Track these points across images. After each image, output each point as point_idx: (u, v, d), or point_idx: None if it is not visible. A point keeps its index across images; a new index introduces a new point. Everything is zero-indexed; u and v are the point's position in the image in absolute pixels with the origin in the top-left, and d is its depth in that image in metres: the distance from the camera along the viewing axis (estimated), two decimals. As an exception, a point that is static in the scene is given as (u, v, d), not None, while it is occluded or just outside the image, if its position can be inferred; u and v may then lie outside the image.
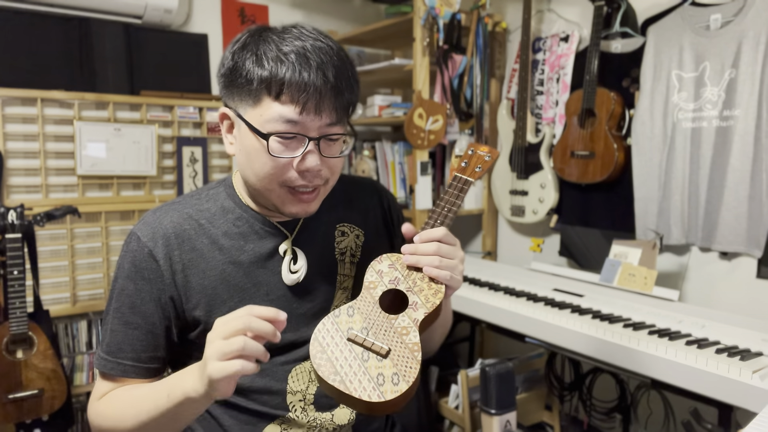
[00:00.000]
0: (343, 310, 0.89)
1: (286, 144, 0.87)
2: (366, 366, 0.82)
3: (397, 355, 0.84)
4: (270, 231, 0.99)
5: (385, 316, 0.88)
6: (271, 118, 0.86)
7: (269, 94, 0.86)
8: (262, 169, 0.89)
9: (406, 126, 2.50)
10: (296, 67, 0.84)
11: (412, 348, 0.85)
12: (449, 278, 0.91)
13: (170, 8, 2.42)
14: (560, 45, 2.34)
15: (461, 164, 1.03)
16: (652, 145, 2.03)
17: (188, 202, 1.01)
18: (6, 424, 1.94)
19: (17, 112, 2.22)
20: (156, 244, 0.95)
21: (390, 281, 0.92)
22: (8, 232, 1.93)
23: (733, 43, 1.81)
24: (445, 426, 2.32)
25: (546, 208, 2.35)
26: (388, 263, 0.95)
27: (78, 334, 2.38)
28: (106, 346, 0.95)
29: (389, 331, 0.86)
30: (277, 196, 0.92)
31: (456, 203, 0.99)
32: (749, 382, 1.34)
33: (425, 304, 0.89)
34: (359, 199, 1.12)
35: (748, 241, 1.83)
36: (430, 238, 0.93)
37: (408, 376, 0.82)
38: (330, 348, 0.84)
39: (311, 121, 0.87)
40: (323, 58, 0.86)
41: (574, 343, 1.72)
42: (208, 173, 2.61)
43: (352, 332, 0.86)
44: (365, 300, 0.91)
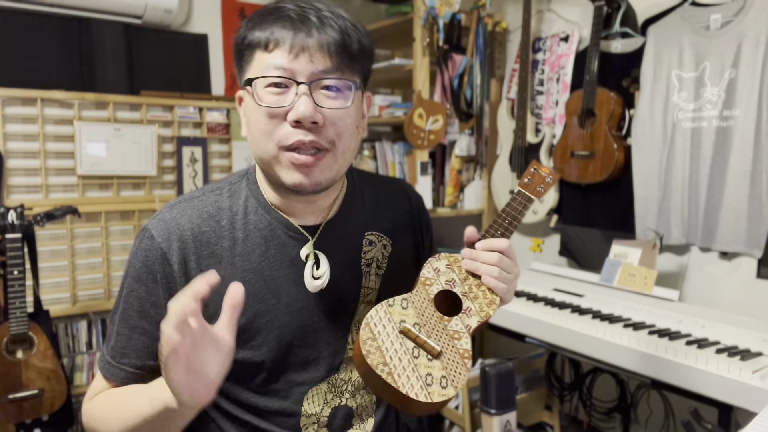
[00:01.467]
0: (397, 300, 0.86)
1: (278, 95, 0.81)
2: (416, 363, 0.80)
3: (448, 358, 0.82)
4: (293, 236, 0.92)
5: (438, 316, 0.86)
6: (262, 68, 0.81)
7: (260, 48, 0.82)
8: (257, 127, 0.83)
9: (406, 126, 2.50)
10: (287, 17, 0.81)
11: (463, 354, 0.83)
12: (505, 291, 0.89)
13: (170, 8, 2.42)
14: (560, 45, 2.34)
15: (525, 181, 1.01)
16: (652, 145, 2.03)
17: (209, 198, 0.92)
18: (6, 424, 1.94)
19: (17, 112, 2.22)
20: (171, 246, 0.87)
21: (446, 281, 0.90)
22: (8, 232, 1.93)
23: (733, 43, 1.81)
24: (445, 426, 2.32)
25: (546, 208, 2.35)
26: (445, 263, 0.92)
27: (78, 334, 2.38)
28: (110, 350, 0.90)
29: (441, 333, 0.84)
30: (279, 163, 0.83)
31: (518, 218, 0.97)
32: (749, 382, 1.34)
33: (479, 312, 0.88)
34: (388, 203, 1.05)
35: (748, 241, 1.83)
36: (493, 247, 0.90)
37: (456, 381, 0.80)
38: (381, 336, 0.82)
39: (302, 67, 0.80)
40: (317, 5, 0.83)
41: (574, 343, 1.72)
42: (208, 173, 2.61)
43: (405, 325, 0.83)
44: (419, 295, 0.88)
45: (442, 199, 2.64)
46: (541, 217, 2.37)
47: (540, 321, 1.82)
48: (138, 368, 0.89)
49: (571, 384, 2.25)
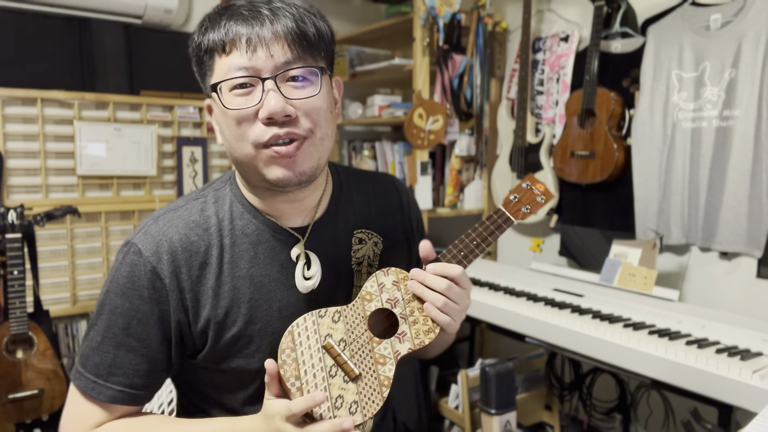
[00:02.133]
0: (330, 312, 0.83)
1: (245, 96, 0.79)
2: (330, 382, 0.77)
3: (365, 384, 0.79)
4: (281, 239, 0.90)
5: (368, 336, 0.82)
6: (223, 72, 0.80)
7: (217, 52, 0.80)
8: (230, 132, 0.81)
9: (406, 126, 2.50)
10: (236, 14, 0.79)
11: (383, 381, 0.79)
12: (447, 323, 0.84)
13: (170, 8, 2.42)
14: (560, 45, 2.34)
15: (510, 198, 0.91)
16: (652, 145, 2.03)
17: (193, 207, 0.90)
18: (6, 424, 1.94)
19: (17, 112, 2.22)
20: (160, 260, 0.84)
21: (387, 300, 0.85)
22: (8, 232, 1.93)
23: (733, 43, 1.81)
24: (445, 426, 2.32)
25: (546, 208, 2.35)
26: (393, 279, 0.86)
27: (78, 334, 2.38)
28: (93, 367, 0.85)
29: (367, 355, 0.81)
30: (260, 161, 0.81)
31: (487, 240, 0.89)
32: (749, 382, 1.34)
33: (413, 339, 0.83)
34: (378, 200, 1.02)
35: (748, 241, 1.83)
36: (444, 273, 0.84)
37: (366, 410, 0.77)
38: (302, 348, 0.79)
39: (263, 63, 0.78)
40: (272, 2, 0.81)
41: (574, 343, 1.72)
42: (208, 173, 2.61)
43: (329, 340, 0.80)
44: (355, 310, 0.84)
45: (442, 199, 2.64)
46: (541, 217, 2.37)
47: (540, 321, 1.82)
48: (126, 386, 0.85)
49: (571, 384, 2.25)
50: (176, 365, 0.90)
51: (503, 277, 2.26)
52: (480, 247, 0.88)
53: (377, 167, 2.81)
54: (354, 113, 2.86)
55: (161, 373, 0.88)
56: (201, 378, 0.93)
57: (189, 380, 0.95)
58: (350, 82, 2.84)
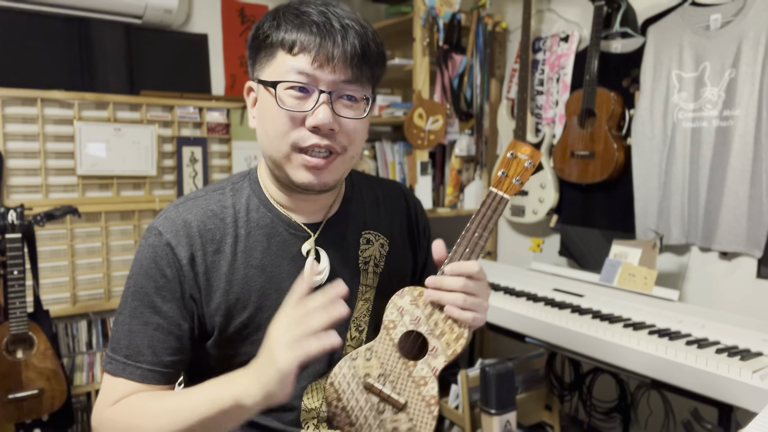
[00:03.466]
0: (361, 352, 0.85)
1: (299, 99, 0.84)
2: (381, 418, 0.80)
3: (413, 409, 0.81)
4: (294, 233, 0.95)
5: (403, 363, 0.85)
6: (284, 71, 0.84)
7: (283, 49, 0.84)
8: (273, 126, 0.86)
9: (406, 126, 2.50)
10: (312, 22, 0.83)
11: (429, 401, 0.82)
12: (472, 320, 0.86)
13: (170, 8, 2.42)
14: (560, 45, 2.34)
15: (498, 174, 0.90)
16: (652, 145, 2.03)
17: (212, 198, 0.95)
18: (6, 424, 1.94)
19: (17, 112, 2.22)
20: (179, 242, 0.89)
21: (411, 321, 0.86)
22: (8, 232, 1.93)
23: (733, 43, 1.81)
24: (445, 426, 2.32)
25: (546, 208, 2.35)
26: (409, 299, 0.88)
27: (78, 334, 2.38)
28: (123, 349, 0.88)
29: (407, 381, 0.83)
30: (290, 162, 0.87)
31: (488, 226, 0.89)
32: (749, 382, 1.34)
33: (445, 350, 0.85)
34: (386, 204, 1.07)
35: (748, 241, 1.83)
36: (461, 271, 0.86)
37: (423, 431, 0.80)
38: (346, 395, 0.82)
39: (324, 75, 0.83)
40: (342, 15, 0.85)
41: (574, 343, 1.72)
42: (208, 173, 2.61)
43: (369, 380, 0.83)
44: (383, 342, 0.86)
45: (442, 199, 2.64)
46: (541, 217, 2.37)
47: (540, 321, 1.82)
48: (156, 365, 0.87)
49: (571, 384, 2.25)
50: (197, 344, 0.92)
51: (503, 277, 2.26)
52: (483, 237, 0.89)
53: (377, 167, 2.81)
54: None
55: (187, 351, 0.91)
56: (209, 364, 0.96)
57: (197, 366, 0.98)
58: (350, 82, 2.83)
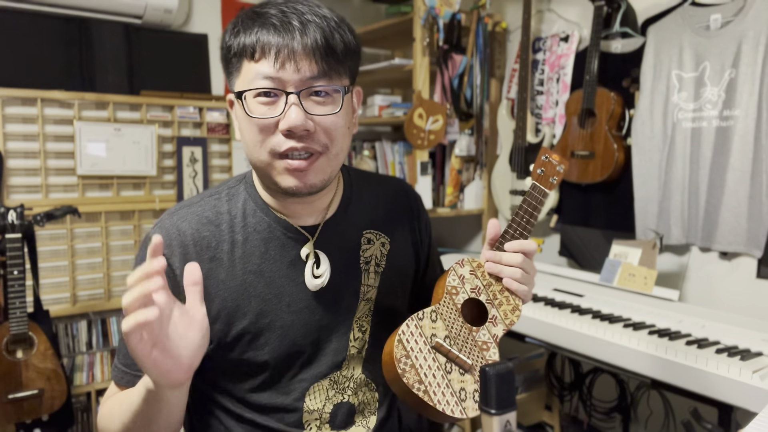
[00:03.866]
0: (427, 313, 0.87)
1: (268, 105, 0.82)
2: (449, 378, 0.82)
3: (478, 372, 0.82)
4: (292, 237, 0.93)
5: (467, 328, 0.87)
6: (250, 79, 0.82)
7: (246, 57, 0.82)
8: (250, 137, 0.84)
9: (406, 126, 2.50)
10: (270, 24, 0.81)
11: None
12: (526, 292, 0.91)
13: (170, 8, 2.42)
14: (560, 45, 2.34)
15: (537, 171, 0.97)
16: (652, 145, 2.03)
17: (207, 204, 0.94)
18: (6, 424, 1.94)
19: (17, 112, 2.22)
20: (173, 252, 0.89)
21: (471, 289, 0.90)
22: (8, 232, 1.93)
23: (733, 43, 1.81)
24: (445, 426, 2.32)
25: (546, 208, 2.35)
26: (469, 269, 0.92)
27: (78, 334, 2.38)
28: (123, 357, 0.90)
29: (471, 344, 0.85)
30: (274, 169, 0.85)
31: (534, 215, 0.95)
32: (749, 382, 1.34)
33: (504, 320, 0.88)
34: (386, 202, 1.05)
35: (748, 241, 1.83)
36: (522, 249, 0.92)
37: None
38: (415, 353, 0.82)
39: (289, 76, 0.80)
40: (299, 9, 0.82)
41: (574, 343, 1.72)
42: (208, 173, 2.61)
43: (436, 340, 0.84)
44: (447, 306, 0.88)
45: (442, 199, 2.64)
46: (541, 217, 2.37)
47: (540, 321, 1.82)
48: None
49: (571, 384, 2.25)
50: None
51: (503, 277, 2.26)
52: (530, 222, 0.95)
53: (377, 167, 2.81)
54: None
55: None
56: (210, 367, 0.95)
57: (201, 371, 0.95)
58: (350, 82, 2.83)
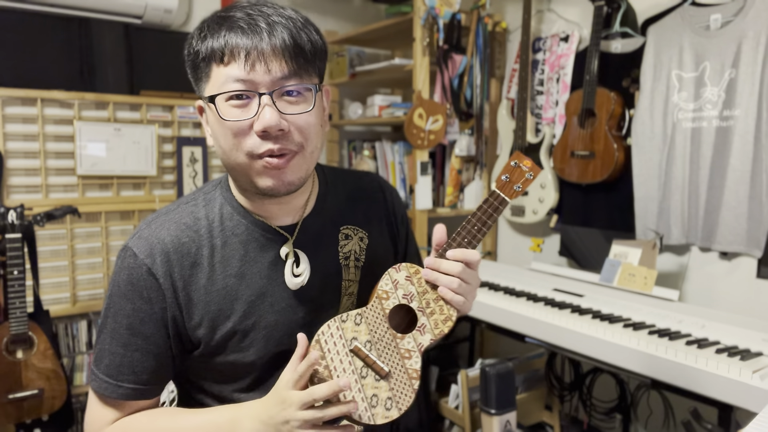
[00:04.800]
0: (351, 315, 0.86)
1: (241, 108, 0.82)
2: (363, 383, 0.81)
3: (396, 379, 0.82)
4: (270, 237, 0.94)
5: (391, 334, 0.86)
6: (221, 83, 0.82)
7: (215, 61, 0.82)
8: (225, 142, 0.84)
9: (406, 126, 2.50)
10: (235, 26, 0.81)
11: (411, 374, 0.83)
12: (462, 304, 0.88)
13: (170, 8, 2.42)
14: (560, 45, 2.34)
15: (502, 178, 0.95)
16: (652, 145, 2.03)
17: (184, 210, 0.94)
18: (6, 424, 1.94)
19: (17, 112, 2.22)
20: (154, 261, 0.88)
21: (404, 295, 0.89)
22: (8, 232, 1.93)
23: (733, 43, 1.81)
24: (445, 426, 2.32)
25: (546, 208, 2.35)
26: (405, 274, 0.90)
27: (78, 334, 2.38)
28: (105, 368, 0.90)
29: (393, 351, 0.84)
30: (251, 170, 0.85)
31: (487, 224, 0.92)
32: (749, 382, 1.34)
33: (433, 330, 0.87)
34: (362, 197, 1.07)
35: (748, 241, 1.83)
36: (462, 258, 0.88)
37: (401, 403, 0.80)
38: (331, 354, 0.82)
39: (260, 77, 0.80)
40: (265, 11, 0.82)
41: (574, 343, 1.72)
42: (208, 173, 2.61)
43: (356, 343, 0.84)
44: (375, 310, 0.87)
45: (442, 199, 2.64)
46: (541, 217, 2.37)
47: (540, 321, 1.82)
48: (136, 383, 0.89)
49: (571, 384, 2.25)
50: (179, 360, 0.93)
51: (503, 277, 2.26)
52: (481, 231, 0.92)
53: (377, 167, 2.81)
54: (354, 113, 2.86)
55: (168, 368, 0.92)
56: (197, 371, 0.96)
57: (185, 373, 0.98)
58: (350, 82, 2.84)
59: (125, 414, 0.91)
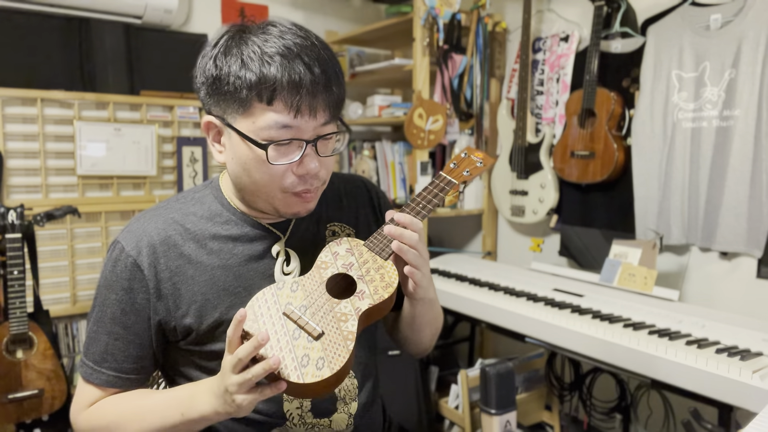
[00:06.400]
0: (287, 282, 0.88)
1: (283, 150, 0.85)
2: (294, 344, 0.81)
3: (329, 340, 0.82)
4: (260, 233, 0.97)
5: (327, 298, 0.87)
6: (266, 125, 0.83)
7: (260, 101, 0.83)
8: (262, 179, 0.88)
9: (406, 126, 2.50)
10: (284, 69, 0.81)
11: (346, 336, 0.82)
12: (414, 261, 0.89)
13: (170, 8, 2.42)
14: (560, 45, 2.34)
15: (450, 165, 1.01)
16: (652, 145, 2.03)
17: (173, 207, 0.98)
18: (6, 424, 1.94)
19: (17, 112, 2.22)
20: (140, 253, 0.92)
21: (343, 265, 0.91)
22: (8, 232, 1.93)
23: (733, 43, 1.81)
24: (445, 426, 2.32)
25: (546, 208, 2.35)
26: (346, 247, 0.93)
27: (78, 334, 2.38)
28: (91, 355, 0.94)
29: (328, 315, 0.85)
30: (279, 200, 0.91)
31: (433, 201, 0.97)
32: (749, 382, 1.34)
33: (372, 295, 0.87)
34: (349, 196, 1.10)
35: (748, 241, 1.83)
36: (408, 223, 0.91)
37: (334, 363, 0.79)
38: (263, 318, 0.83)
39: (306, 123, 0.84)
40: (309, 55, 0.84)
41: (574, 343, 1.72)
42: (208, 173, 2.61)
43: (289, 307, 0.85)
44: (313, 278, 0.89)
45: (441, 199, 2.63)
46: (541, 217, 2.37)
47: (540, 321, 1.82)
48: (118, 371, 0.94)
49: (571, 384, 2.25)
50: (161, 351, 0.98)
51: (503, 277, 2.26)
52: (426, 208, 0.96)
53: (377, 167, 2.81)
54: (354, 113, 2.86)
55: (149, 359, 0.96)
56: (185, 362, 0.98)
57: (174, 365, 1.00)
58: (350, 82, 2.84)
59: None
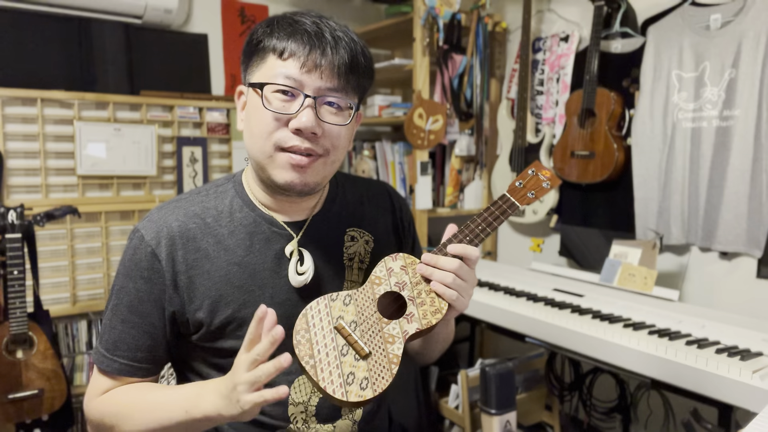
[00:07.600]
0: (341, 296, 0.88)
1: (285, 102, 0.87)
2: (342, 360, 0.82)
3: (375, 361, 0.83)
4: (277, 232, 0.97)
5: (378, 317, 0.87)
6: (273, 74, 0.87)
7: (274, 54, 0.87)
8: (258, 126, 0.89)
9: (406, 126, 2.49)
10: (304, 31, 0.87)
11: (392, 359, 0.83)
12: (455, 298, 0.89)
13: (170, 8, 2.42)
14: (560, 45, 2.34)
15: (516, 183, 0.95)
16: (652, 145, 2.03)
17: (195, 200, 0.99)
18: (6, 424, 1.94)
19: (17, 112, 2.22)
20: (159, 244, 0.93)
21: (396, 283, 0.90)
22: (8, 232, 1.93)
23: (733, 43, 1.81)
24: (445, 426, 2.32)
25: (546, 208, 2.35)
26: (401, 264, 0.92)
27: (78, 334, 2.38)
28: (104, 342, 0.95)
29: (376, 335, 0.85)
30: (273, 162, 0.89)
31: (493, 225, 0.92)
32: (749, 382, 1.34)
33: (421, 319, 0.87)
34: (371, 203, 1.10)
35: (748, 241, 1.83)
36: (462, 253, 0.90)
37: (377, 385, 0.81)
38: (315, 329, 0.84)
39: (311, 81, 0.87)
40: (335, 27, 0.89)
41: (574, 343, 1.72)
42: (208, 173, 2.61)
43: (341, 322, 0.85)
44: (365, 294, 0.89)
45: (442, 199, 2.64)
46: (541, 217, 2.37)
47: (540, 321, 1.82)
48: (130, 360, 0.94)
49: (571, 384, 2.25)
50: (173, 343, 0.98)
51: (503, 277, 2.26)
52: (485, 231, 0.92)
53: (377, 167, 2.81)
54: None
55: (162, 349, 0.97)
56: (197, 357, 0.99)
57: (186, 360, 1.01)
58: (350, 82, 2.83)
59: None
